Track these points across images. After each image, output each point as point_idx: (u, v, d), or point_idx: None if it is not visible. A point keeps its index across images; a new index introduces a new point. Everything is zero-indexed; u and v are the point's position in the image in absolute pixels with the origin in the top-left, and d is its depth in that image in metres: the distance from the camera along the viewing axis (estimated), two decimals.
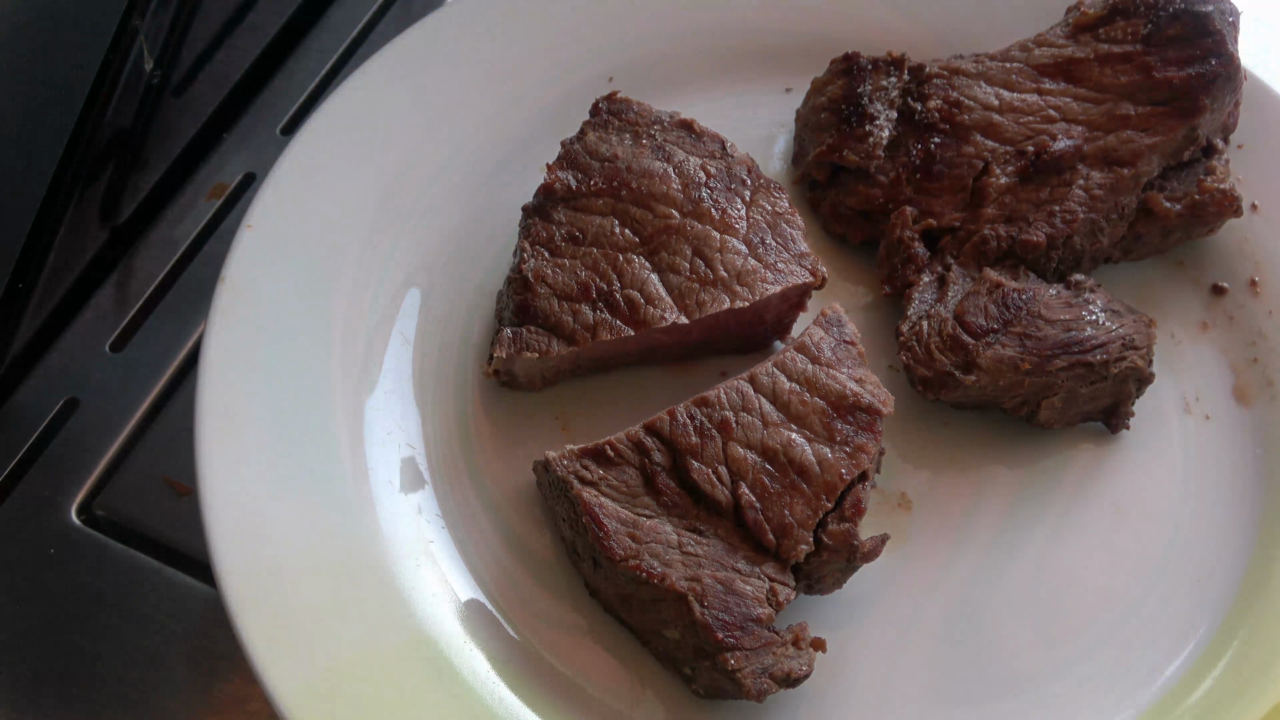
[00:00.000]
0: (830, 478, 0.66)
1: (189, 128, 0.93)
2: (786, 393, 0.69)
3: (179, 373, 0.82)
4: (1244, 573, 0.74)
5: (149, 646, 0.73)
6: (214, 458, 0.67)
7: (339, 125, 0.79)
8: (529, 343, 0.72)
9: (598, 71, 0.87)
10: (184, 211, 0.89)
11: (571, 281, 0.73)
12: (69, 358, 0.83)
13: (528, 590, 0.71)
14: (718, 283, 0.73)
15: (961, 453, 0.77)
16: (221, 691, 0.72)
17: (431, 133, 0.82)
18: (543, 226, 0.74)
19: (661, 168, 0.76)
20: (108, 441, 0.79)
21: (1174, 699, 0.70)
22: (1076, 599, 0.73)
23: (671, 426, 0.68)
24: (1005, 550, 0.74)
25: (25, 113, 0.82)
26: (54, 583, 0.74)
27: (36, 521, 0.76)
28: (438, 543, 0.71)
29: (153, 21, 0.93)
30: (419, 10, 0.96)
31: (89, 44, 0.87)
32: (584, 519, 0.65)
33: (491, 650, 0.68)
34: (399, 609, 0.67)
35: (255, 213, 0.75)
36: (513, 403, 0.77)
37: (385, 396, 0.75)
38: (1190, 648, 0.72)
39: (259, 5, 0.98)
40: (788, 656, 0.64)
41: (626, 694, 0.68)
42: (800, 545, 0.65)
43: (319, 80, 0.96)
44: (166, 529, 0.76)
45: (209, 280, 0.73)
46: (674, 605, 0.64)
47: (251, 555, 0.64)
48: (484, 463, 0.75)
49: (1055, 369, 0.72)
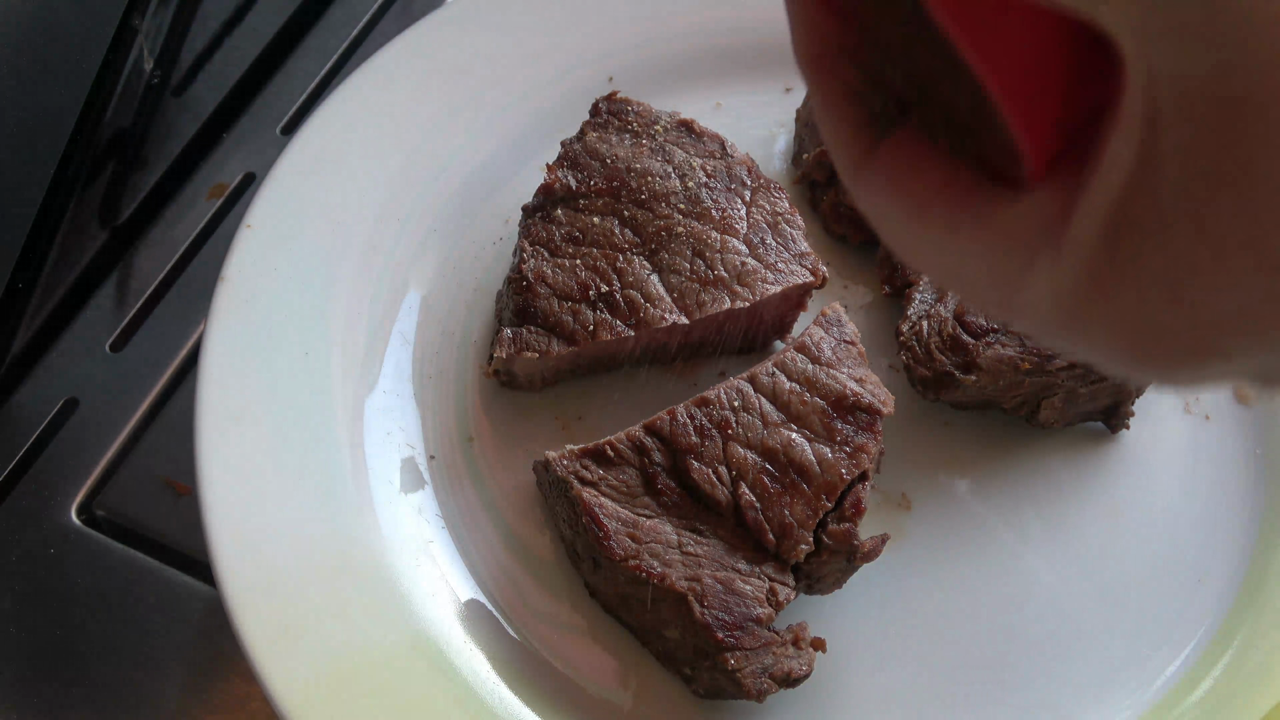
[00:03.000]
0: (830, 478, 0.66)
1: (189, 128, 0.93)
2: (786, 393, 0.69)
3: (179, 373, 0.82)
4: (1244, 573, 0.74)
5: (149, 646, 0.73)
6: (214, 458, 0.67)
7: (339, 125, 0.79)
8: (529, 343, 0.72)
9: (598, 71, 0.87)
10: (184, 211, 0.89)
11: (571, 281, 0.73)
12: (69, 358, 0.83)
13: (528, 590, 0.71)
14: (718, 283, 0.73)
15: (961, 453, 0.77)
16: (221, 691, 0.72)
17: (431, 133, 0.82)
18: (543, 226, 0.74)
19: (661, 168, 0.76)
20: (108, 441, 0.79)
21: (1174, 699, 0.70)
22: (1077, 599, 0.73)
23: (671, 426, 0.68)
24: (1005, 550, 0.74)
25: (25, 113, 0.82)
26: (53, 583, 0.74)
27: (36, 521, 0.76)
28: (438, 543, 0.71)
29: (153, 21, 0.93)
30: (419, 10, 0.96)
31: (89, 44, 0.87)
32: (584, 519, 0.65)
33: (491, 650, 0.68)
34: (399, 609, 0.67)
35: (255, 213, 0.75)
36: (513, 403, 0.77)
37: (385, 396, 0.75)
38: (1190, 648, 0.72)
39: (259, 5, 0.98)
40: (788, 656, 0.64)
41: (627, 694, 0.68)
42: (800, 545, 0.65)
43: (319, 80, 0.96)
44: (166, 529, 0.76)
45: (209, 280, 0.73)
46: (674, 605, 0.64)
47: (251, 555, 0.64)
48: (484, 463, 0.75)
49: (1055, 368, 0.72)
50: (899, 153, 0.31)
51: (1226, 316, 0.23)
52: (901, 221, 0.30)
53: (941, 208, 0.29)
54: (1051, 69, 0.25)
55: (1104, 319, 0.25)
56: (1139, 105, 0.22)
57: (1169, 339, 0.24)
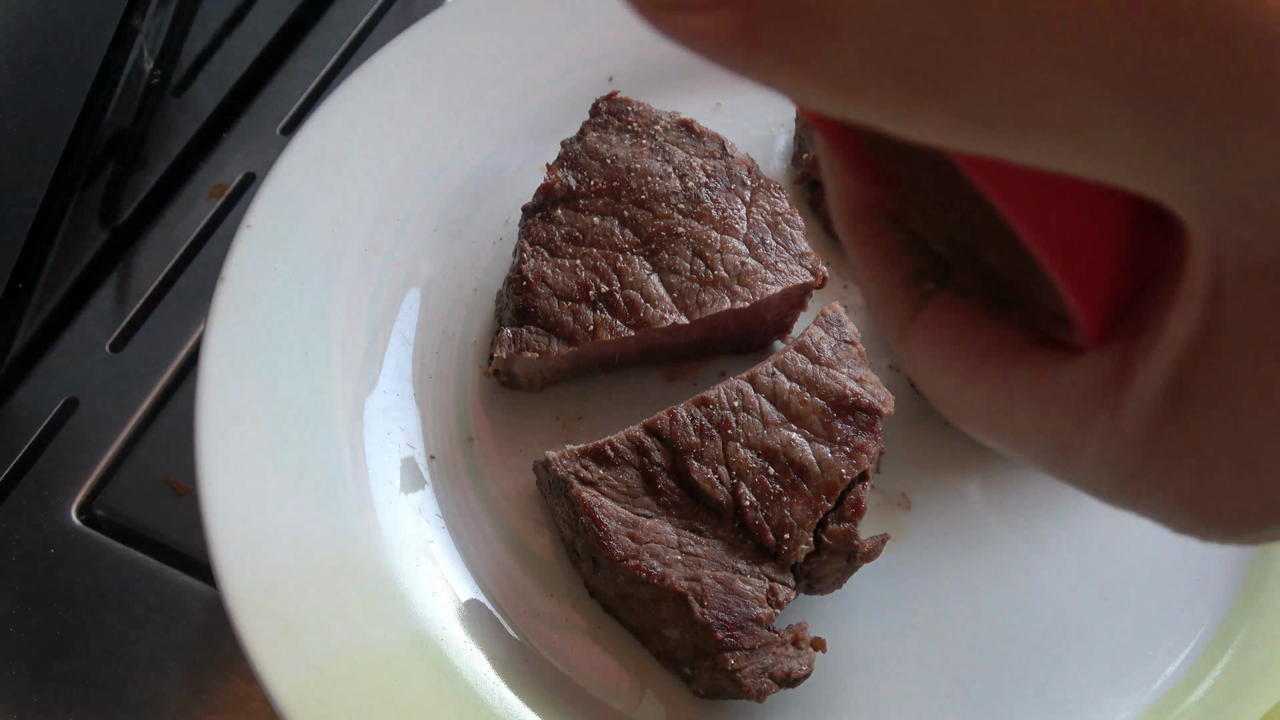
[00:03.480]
0: (830, 478, 0.66)
1: (189, 128, 0.93)
2: (786, 393, 0.69)
3: (179, 373, 0.82)
4: (1244, 573, 0.74)
5: (149, 646, 0.73)
6: (214, 458, 0.67)
7: (339, 125, 0.79)
8: (529, 343, 0.72)
9: (598, 71, 0.87)
10: (184, 211, 0.89)
11: (571, 281, 0.73)
12: (69, 358, 0.83)
13: (528, 590, 0.71)
14: (718, 283, 0.73)
15: (962, 453, 0.77)
16: (221, 691, 0.72)
17: (431, 133, 0.82)
18: (543, 226, 0.74)
19: (661, 168, 0.76)
20: (108, 441, 0.79)
21: (1174, 699, 0.70)
22: (1077, 598, 0.73)
23: (672, 426, 0.68)
24: (1005, 550, 0.74)
25: (25, 113, 0.82)
26: (53, 583, 0.74)
27: (36, 521, 0.76)
28: (438, 543, 0.71)
29: (153, 21, 0.93)
30: (419, 10, 0.96)
31: (89, 44, 0.87)
32: (584, 519, 0.65)
33: (491, 650, 0.68)
34: (399, 609, 0.67)
35: (255, 213, 0.75)
36: (513, 403, 0.77)
37: (385, 396, 0.75)
38: (1190, 648, 0.72)
39: (259, 5, 0.98)
40: (788, 656, 0.64)
41: (626, 694, 0.68)
42: (800, 545, 0.65)
43: (319, 80, 0.96)
44: (166, 529, 0.76)
45: (209, 280, 0.73)
46: (674, 605, 0.64)
47: (251, 555, 0.64)
48: (484, 463, 0.75)
49: None
50: (946, 314, 0.30)
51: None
52: (952, 385, 0.29)
53: (992, 369, 0.28)
54: (1107, 237, 0.24)
55: (1165, 483, 0.25)
56: (1204, 274, 0.22)
57: (1234, 503, 0.24)
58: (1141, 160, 0.21)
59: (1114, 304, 0.25)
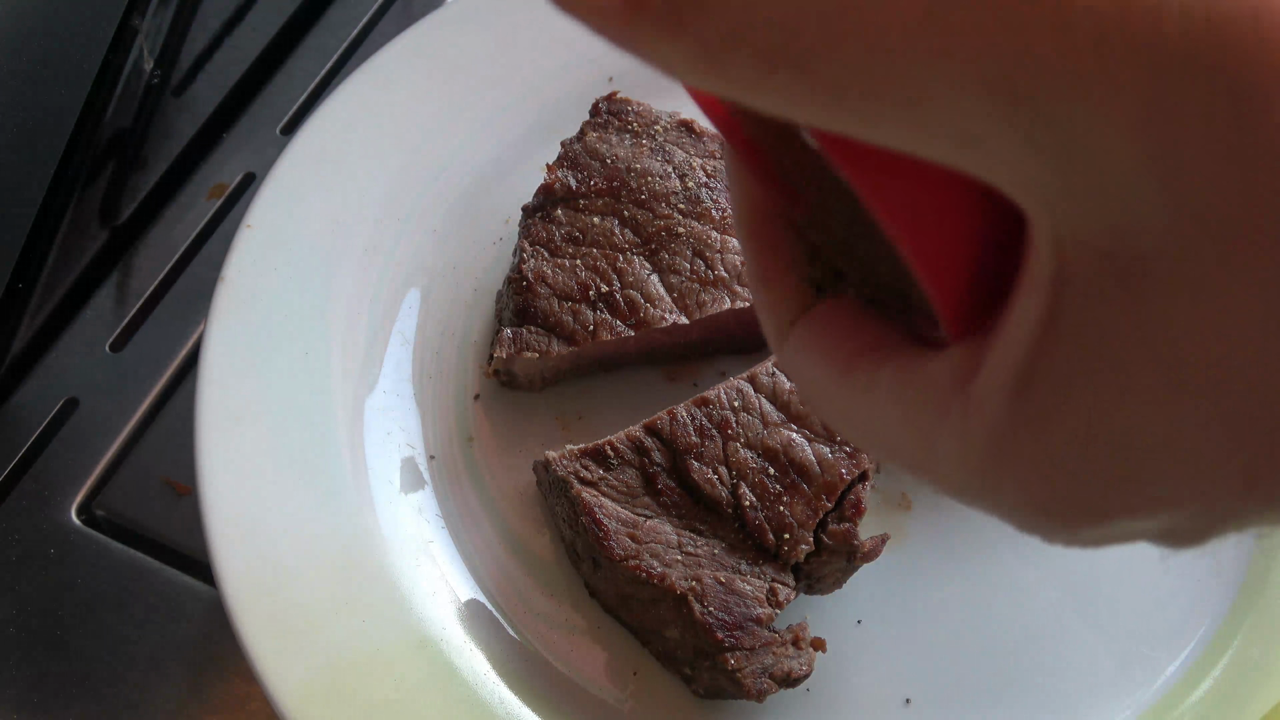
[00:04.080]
0: (830, 478, 0.66)
1: (189, 128, 0.93)
2: (786, 392, 0.69)
3: (179, 373, 0.82)
4: (1244, 573, 0.74)
5: (149, 646, 0.73)
6: (214, 458, 0.67)
7: (339, 125, 0.79)
8: (529, 343, 0.72)
9: (598, 72, 0.87)
10: (184, 211, 0.89)
11: (571, 281, 0.73)
12: (69, 358, 0.83)
13: (528, 590, 0.71)
14: (718, 283, 0.73)
15: None
16: (221, 691, 0.72)
17: (431, 133, 0.82)
18: (543, 226, 0.74)
19: (661, 168, 0.76)
20: (108, 441, 0.79)
21: (1174, 699, 0.70)
22: (1077, 598, 0.73)
23: (672, 426, 0.68)
24: (1005, 549, 0.74)
25: (25, 113, 0.82)
26: (53, 583, 0.74)
27: (36, 521, 0.76)
28: (438, 543, 0.71)
29: (153, 21, 0.93)
30: (419, 10, 0.96)
31: (89, 44, 0.87)
32: (584, 519, 0.65)
33: (491, 650, 0.68)
34: (399, 609, 0.67)
35: (255, 213, 0.75)
36: (513, 403, 0.77)
37: (385, 396, 0.75)
38: (1190, 648, 0.72)
39: (259, 5, 0.98)
40: (788, 656, 0.64)
41: (627, 694, 0.68)
42: (800, 545, 0.65)
43: (319, 80, 0.96)
44: (166, 529, 0.76)
45: (209, 280, 0.73)
46: (674, 605, 0.64)
47: (251, 555, 0.64)
48: (484, 463, 0.75)
49: None
50: (827, 318, 0.30)
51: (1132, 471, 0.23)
52: (825, 385, 0.30)
53: (864, 368, 0.28)
54: (965, 229, 0.25)
55: (1012, 475, 0.25)
56: (1044, 262, 0.22)
57: (1076, 496, 0.24)
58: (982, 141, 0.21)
59: (975, 298, 0.26)
